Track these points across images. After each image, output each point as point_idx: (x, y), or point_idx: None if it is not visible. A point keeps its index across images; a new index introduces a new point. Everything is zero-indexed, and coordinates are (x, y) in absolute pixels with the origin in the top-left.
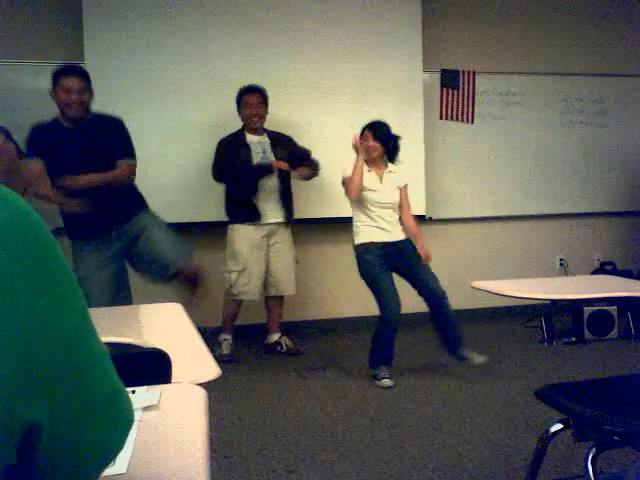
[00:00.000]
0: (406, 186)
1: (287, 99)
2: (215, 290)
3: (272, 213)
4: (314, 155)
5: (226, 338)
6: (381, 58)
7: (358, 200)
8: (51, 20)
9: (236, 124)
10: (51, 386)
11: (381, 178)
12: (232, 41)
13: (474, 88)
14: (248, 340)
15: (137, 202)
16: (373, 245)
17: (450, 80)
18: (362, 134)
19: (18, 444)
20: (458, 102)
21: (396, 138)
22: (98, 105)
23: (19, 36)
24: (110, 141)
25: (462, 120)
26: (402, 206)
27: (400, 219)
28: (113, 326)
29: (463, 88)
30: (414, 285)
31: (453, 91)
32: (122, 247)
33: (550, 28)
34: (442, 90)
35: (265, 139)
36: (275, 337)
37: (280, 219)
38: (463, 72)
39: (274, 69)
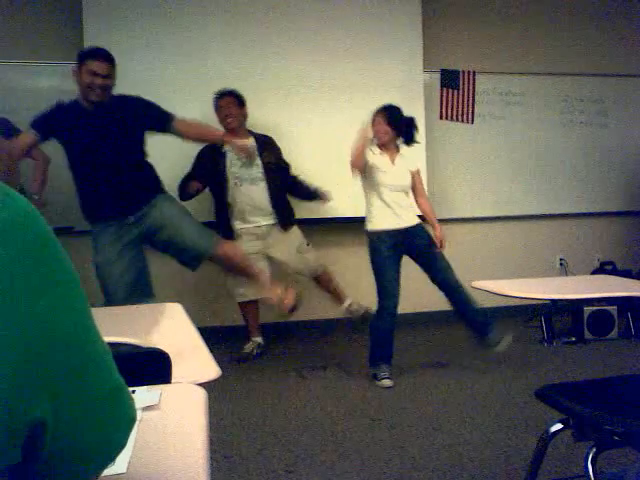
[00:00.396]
0: (419, 171)
1: (286, 99)
2: (215, 290)
3: (262, 217)
4: (315, 155)
5: (255, 341)
6: (381, 58)
7: (370, 181)
8: (51, 20)
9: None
10: (53, 385)
11: (393, 160)
12: (232, 41)
13: (474, 88)
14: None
15: (154, 184)
16: (385, 234)
17: (450, 80)
18: (373, 119)
19: (23, 444)
20: (458, 102)
21: (411, 120)
22: None
23: (19, 36)
24: (137, 118)
25: (462, 120)
26: (417, 190)
27: (416, 203)
28: (113, 326)
29: (463, 88)
30: (427, 272)
31: (453, 91)
32: (141, 232)
33: (550, 28)
34: (442, 90)
35: (252, 144)
36: (345, 304)
37: (271, 222)
38: (463, 72)
39: (274, 69)
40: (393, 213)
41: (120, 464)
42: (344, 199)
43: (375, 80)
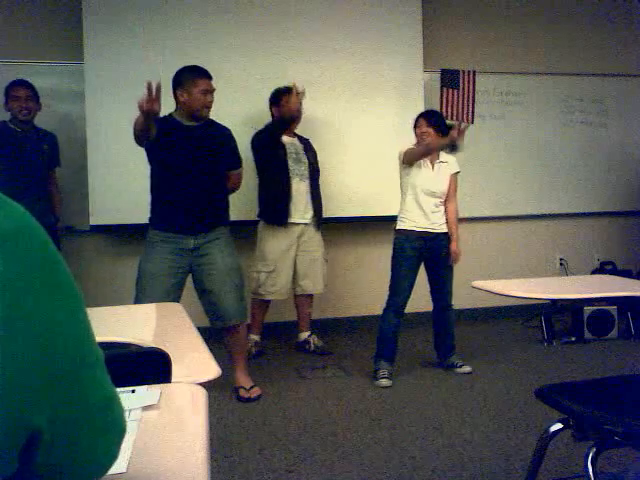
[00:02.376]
0: (457, 173)
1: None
2: None
3: (302, 214)
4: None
5: (253, 338)
6: (381, 58)
7: (407, 181)
8: (51, 20)
9: (235, 124)
10: (51, 391)
11: (433, 166)
12: (232, 41)
13: (474, 88)
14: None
15: (223, 213)
16: (413, 234)
17: (450, 80)
18: (416, 124)
19: (21, 452)
20: (458, 102)
21: (451, 127)
22: (98, 105)
23: (19, 36)
24: (226, 148)
25: (462, 120)
26: (449, 193)
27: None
28: (113, 326)
29: (463, 88)
30: (430, 283)
31: (453, 91)
32: (192, 264)
33: (550, 28)
34: (442, 90)
35: (297, 141)
36: (304, 335)
37: (309, 220)
38: (463, 72)
39: (274, 69)
40: (425, 216)
41: (120, 464)
42: (344, 199)
43: (375, 80)
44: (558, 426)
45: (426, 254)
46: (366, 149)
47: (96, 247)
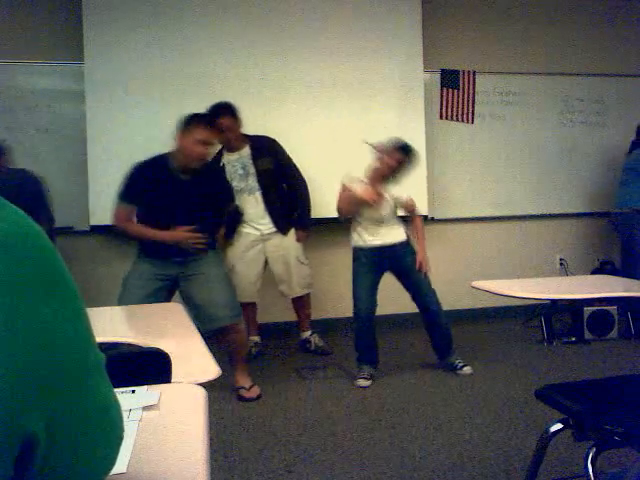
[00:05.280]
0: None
1: (287, 99)
2: None
3: (255, 227)
4: (314, 155)
5: (253, 339)
6: (381, 58)
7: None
8: (51, 20)
9: None
10: (48, 397)
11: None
12: (232, 41)
13: (474, 88)
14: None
15: (212, 240)
16: (361, 251)
17: (450, 80)
18: (391, 153)
19: (16, 458)
20: (458, 102)
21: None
22: (98, 106)
23: (19, 36)
24: (218, 192)
25: (462, 120)
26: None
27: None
28: (113, 326)
29: (463, 88)
30: (407, 291)
31: (453, 91)
32: (179, 274)
33: (550, 28)
34: (442, 90)
35: (244, 152)
36: (305, 335)
37: (267, 229)
38: (463, 72)
39: (274, 69)
40: (371, 235)
41: (120, 464)
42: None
43: (375, 80)
44: (558, 426)
45: (383, 262)
46: (366, 149)
47: (96, 247)
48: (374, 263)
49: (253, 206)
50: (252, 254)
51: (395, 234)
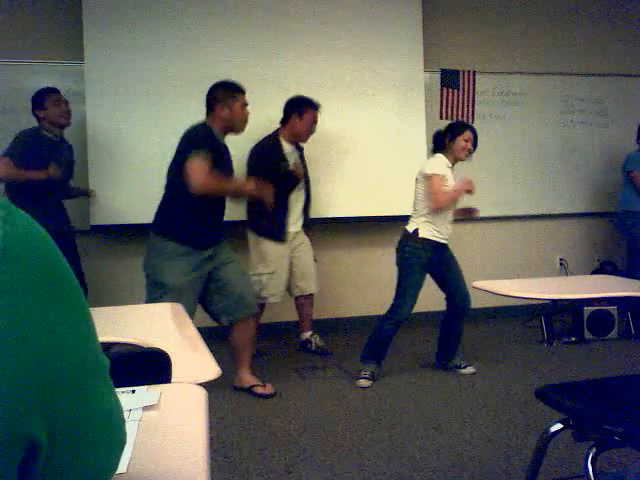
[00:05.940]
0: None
1: (287, 99)
2: None
3: (294, 224)
4: (315, 154)
5: (313, 334)
6: (381, 58)
7: None
8: (51, 20)
9: None
10: (51, 402)
11: (454, 176)
12: (232, 41)
13: (474, 88)
14: None
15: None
16: (430, 244)
17: (450, 80)
18: (462, 133)
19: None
20: (458, 102)
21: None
22: (98, 106)
23: (19, 36)
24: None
25: (462, 120)
26: None
27: None
28: (113, 326)
29: (463, 88)
30: (445, 287)
31: (453, 91)
32: (211, 268)
33: (550, 28)
34: (442, 90)
35: (295, 152)
36: (306, 335)
37: (300, 228)
38: (463, 72)
39: (274, 69)
40: (441, 231)
41: (120, 464)
42: (344, 199)
43: (375, 80)
44: (558, 426)
45: (434, 263)
46: (366, 149)
47: (96, 247)
48: (430, 262)
49: (298, 204)
50: (288, 255)
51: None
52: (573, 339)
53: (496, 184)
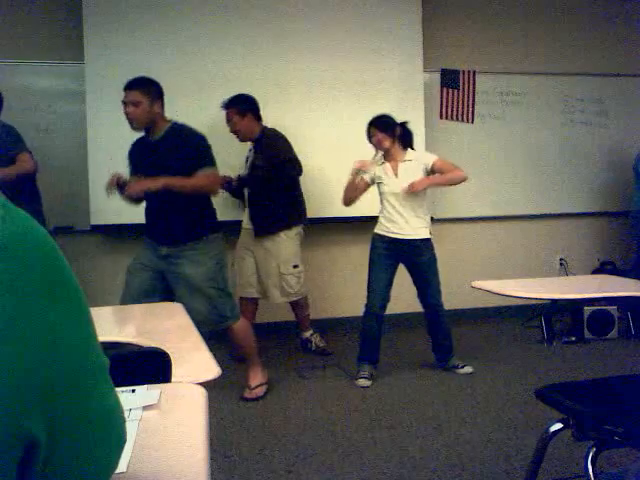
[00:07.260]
0: (437, 160)
1: (287, 99)
2: None
3: (247, 221)
4: (315, 154)
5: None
6: (381, 58)
7: (379, 192)
8: (51, 20)
9: None
10: (50, 400)
11: (395, 169)
12: (232, 41)
13: (474, 88)
14: None
15: (197, 229)
16: (380, 238)
17: (450, 80)
18: (369, 132)
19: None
20: (458, 102)
21: (403, 124)
22: (98, 106)
23: (19, 36)
24: (175, 161)
25: (462, 120)
26: (445, 172)
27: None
28: (113, 326)
29: (463, 88)
30: (416, 288)
31: (453, 91)
32: (164, 267)
33: (550, 28)
34: (442, 90)
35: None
36: (306, 334)
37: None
38: (463, 72)
39: (274, 69)
40: (393, 222)
41: (120, 464)
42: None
43: (375, 80)
44: (558, 426)
45: (400, 255)
46: (366, 149)
47: (96, 247)
48: (391, 253)
49: (246, 200)
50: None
51: (417, 227)
52: (573, 339)
53: (496, 184)
